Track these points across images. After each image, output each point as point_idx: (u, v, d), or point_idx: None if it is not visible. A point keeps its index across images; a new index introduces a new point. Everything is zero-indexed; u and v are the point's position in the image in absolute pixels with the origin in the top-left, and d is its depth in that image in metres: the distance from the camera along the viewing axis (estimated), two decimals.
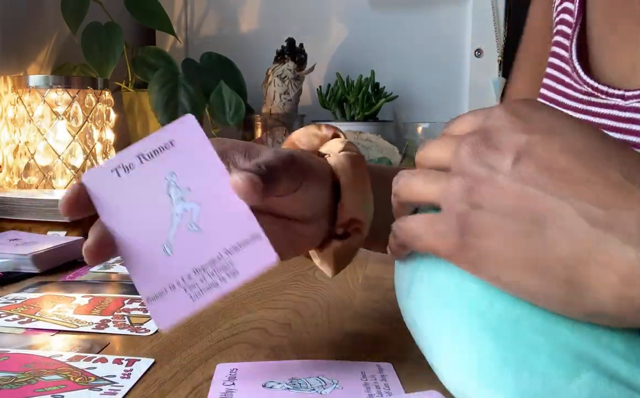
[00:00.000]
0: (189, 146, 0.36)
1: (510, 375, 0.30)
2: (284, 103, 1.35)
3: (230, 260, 0.34)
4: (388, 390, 0.38)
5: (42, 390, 0.37)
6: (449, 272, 0.34)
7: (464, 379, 0.32)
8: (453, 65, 1.50)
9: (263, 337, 0.48)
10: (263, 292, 0.61)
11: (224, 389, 0.38)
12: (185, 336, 0.48)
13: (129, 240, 0.35)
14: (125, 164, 0.36)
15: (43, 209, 0.79)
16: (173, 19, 1.50)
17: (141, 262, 0.34)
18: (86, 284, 0.63)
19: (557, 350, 0.30)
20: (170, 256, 0.34)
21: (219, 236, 0.34)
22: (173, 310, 0.34)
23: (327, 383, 0.39)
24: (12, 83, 1.00)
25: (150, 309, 0.34)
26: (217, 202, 0.35)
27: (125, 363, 0.42)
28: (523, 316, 0.31)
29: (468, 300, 0.33)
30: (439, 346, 0.34)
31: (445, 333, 0.34)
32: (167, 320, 0.34)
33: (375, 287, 0.64)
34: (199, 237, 0.34)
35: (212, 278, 0.34)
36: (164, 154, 0.36)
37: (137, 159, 0.36)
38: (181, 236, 0.35)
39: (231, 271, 0.34)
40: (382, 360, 0.43)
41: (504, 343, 0.31)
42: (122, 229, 0.35)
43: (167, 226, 0.35)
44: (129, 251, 0.35)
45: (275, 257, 0.34)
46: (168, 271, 0.34)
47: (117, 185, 0.36)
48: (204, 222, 0.35)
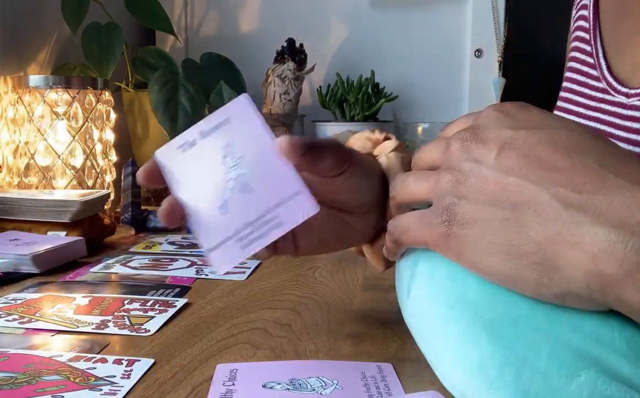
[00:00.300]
0: (242, 120, 0.42)
1: (511, 375, 0.30)
2: (284, 103, 1.35)
3: (276, 213, 0.39)
4: (388, 391, 0.38)
5: (42, 391, 0.37)
6: (449, 272, 0.35)
7: (464, 379, 0.32)
8: (453, 65, 1.50)
9: (263, 337, 0.48)
10: (263, 292, 0.61)
11: (224, 389, 0.38)
12: (185, 336, 0.48)
13: (193, 205, 0.41)
14: (189, 140, 0.42)
15: (43, 209, 0.79)
16: (173, 19, 1.50)
17: (202, 222, 0.40)
18: (86, 284, 0.63)
19: (557, 349, 0.30)
20: (226, 215, 0.40)
21: (267, 195, 0.40)
22: (227, 257, 0.39)
23: (327, 383, 0.39)
24: (12, 83, 1.00)
25: (209, 257, 0.40)
26: (265, 167, 0.40)
27: (125, 364, 0.42)
28: (523, 316, 0.31)
29: (468, 300, 0.33)
30: (439, 346, 0.34)
31: (445, 333, 0.34)
32: (222, 266, 0.40)
33: (375, 287, 0.64)
34: (250, 197, 0.40)
35: (259, 230, 0.39)
36: (220, 130, 0.42)
37: (198, 135, 0.42)
38: (235, 197, 0.40)
39: (276, 223, 0.39)
40: (382, 360, 0.44)
41: (505, 343, 0.31)
42: (188, 197, 0.41)
43: (224, 190, 0.40)
44: (193, 214, 0.41)
45: (317, 207, 0.39)
46: (224, 227, 0.40)
47: (183, 159, 0.42)
48: (254, 184, 0.40)
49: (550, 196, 0.30)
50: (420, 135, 1.35)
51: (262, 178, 0.40)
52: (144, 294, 0.59)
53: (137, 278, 0.67)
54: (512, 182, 0.31)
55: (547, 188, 0.30)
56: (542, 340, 0.30)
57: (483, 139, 0.33)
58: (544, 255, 0.30)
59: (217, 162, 0.41)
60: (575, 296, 0.30)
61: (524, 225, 0.30)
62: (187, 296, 0.59)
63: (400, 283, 0.40)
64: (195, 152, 0.42)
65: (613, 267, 0.27)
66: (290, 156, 0.39)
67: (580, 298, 0.30)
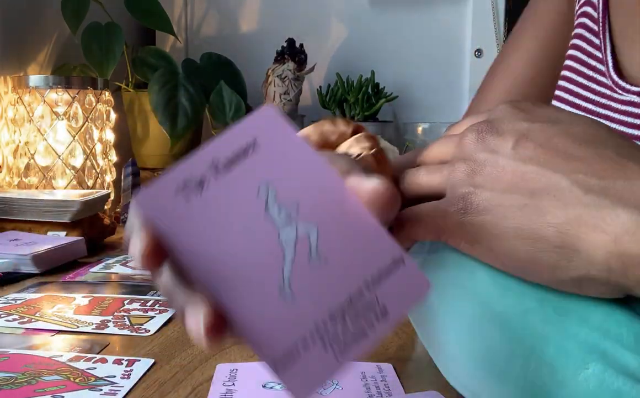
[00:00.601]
0: (279, 145, 0.26)
1: (519, 366, 0.30)
2: (284, 103, 1.35)
3: (376, 295, 0.25)
4: (388, 391, 0.38)
5: (42, 391, 0.37)
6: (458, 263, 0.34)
7: (470, 370, 0.32)
8: (453, 65, 1.50)
9: None
10: None
11: (224, 389, 0.38)
12: (185, 336, 0.48)
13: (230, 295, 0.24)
14: (195, 179, 0.25)
15: (43, 209, 0.79)
16: (173, 19, 1.50)
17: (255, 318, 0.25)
18: (86, 284, 0.63)
19: (565, 342, 0.30)
20: (292, 300, 0.25)
21: (353, 266, 0.25)
22: (313, 371, 0.24)
23: (327, 383, 0.39)
24: (12, 83, 1.00)
25: (282, 376, 0.24)
26: (338, 220, 0.26)
27: (125, 364, 0.42)
28: (532, 309, 0.31)
29: (477, 292, 0.33)
30: (445, 337, 0.34)
31: (453, 324, 0.33)
32: (308, 386, 0.24)
33: None
34: (326, 270, 0.25)
35: (356, 324, 0.25)
36: (247, 161, 0.26)
37: (210, 171, 0.25)
38: (301, 271, 0.25)
39: (380, 310, 0.25)
40: (382, 360, 0.43)
41: (512, 335, 0.31)
42: (216, 283, 0.24)
43: (278, 260, 0.25)
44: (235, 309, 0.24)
45: (429, 284, 0.26)
46: (295, 321, 0.25)
47: (189, 215, 0.25)
48: (328, 249, 0.25)
49: (570, 182, 0.30)
50: (420, 135, 1.35)
51: (337, 239, 0.26)
52: (144, 294, 0.59)
53: (137, 278, 0.67)
54: (530, 170, 0.31)
55: (566, 174, 0.30)
56: (550, 333, 0.30)
57: (499, 131, 0.33)
58: (564, 238, 0.29)
59: (253, 215, 0.25)
60: (592, 280, 0.29)
61: (543, 211, 0.30)
62: None
63: None
64: (209, 199, 0.25)
65: (636, 247, 0.27)
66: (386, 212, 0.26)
67: (597, 283, 0.29)
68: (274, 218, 0.25)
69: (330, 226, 0.26)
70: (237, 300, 0.24)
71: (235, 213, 0.25)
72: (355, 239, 0.26)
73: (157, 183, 0.25)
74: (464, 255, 0.34)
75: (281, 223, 0.25)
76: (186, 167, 0.25)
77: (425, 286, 0.26)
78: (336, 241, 0.25)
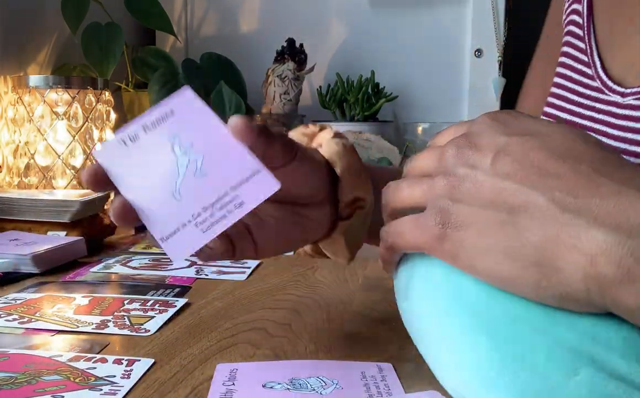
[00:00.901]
0: (188, 111, 0.39)
1: (509, 375, 0.30)
2: (284, 103, 1.35)
3: (236, 193, 0.37)
4: (388, 390, 0.38)
5: (42, 390, 0.37)
6: (445, 274, 0.35)
7: (463, 380, 0.32)
8: (453, 65, 1.50)
9: (263, 337, 0.48)
10: (263, 292, 0.61)
11: (224, 389, 0.38)
12: (185, 336, 0.48)
13: (143, 199, 0.38)
14: (131, 135, 0.40)
15: (43, 209, 0.79)
16: (173, 19, 1.50)
17: (154, 213, 0.38)
18: (86, 284, 0.64)
19: (555, 348, 0.30)
20: (180, 200, 0.37)
21: (224, 177, 0.37)
22: (185, 243, 0.37)
23: (327, 383, 0.39)
24: (12, 83, 1.00)
25: (165, 246, 0.37)
26: (218, 150, 0.38)
27: (125, 364, 0.42)
28: (521, 316, 0.31)
29: (465, 301, 0.33)
30: (437, 347, 0.34)
31: (443, 334, 0.34)
32: (180, 252, 0.37)
33: (375, 287, 0.64)
34: (205, 180, 0.38)
35: (221, 212, 0.37)
36: (165, 123, 0.39)
37: (141, 129, 0.40)
38: (188, 182, 0.37)
39: (237, 203, 0.37)
40: (382, 360, 0.44)
41: (502, 343, 0.31)
42: (136, 192, 0.39)
43: (175, 178, 0.38)
44: (144, 208, 0.38)
45: (278, 184, 0.36)
46: (179, 214, 0.37)
47: (127, 155, 0.39)
48: (209, 168, 0.38)
49: (547, 199, 0.30)
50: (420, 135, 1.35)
51: (216, 161, 0.38)
52: (144, 294, 0.59)
53: (137, 278, 0.67)
54: (508, 186, 0.31)
55: (544, 192, 0.30)
56: (539, 339, 0.30)
57: (477, 146, 0.33)
58: (542, 255, 0.30)
59: (165, 152, 0.39)
60: (573, 298, 0.30)
61: (521, 227, 0.30)
62: (187, 296, 0.59)
63: (398, 287, 0.40)
64: (140, 145, 0.39)
65: (610, 270, 0.28)
66: (245, 136, 0.37)
67: (578, 301, 0.30)
68: (177, 154, 0.38)
69: (212, 154, 0.38)
70: (147, 202, 0.38)
71: (154, 151, 0.39)
72: (228, 161, 0.37)
73: (106, 141, 0.41)
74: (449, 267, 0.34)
75: (180, 155, 0.38)
76: (127, 129, 0.40)
77: (274, 185, 0.36)
78: (214, 163, 0.38)
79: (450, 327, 0.33)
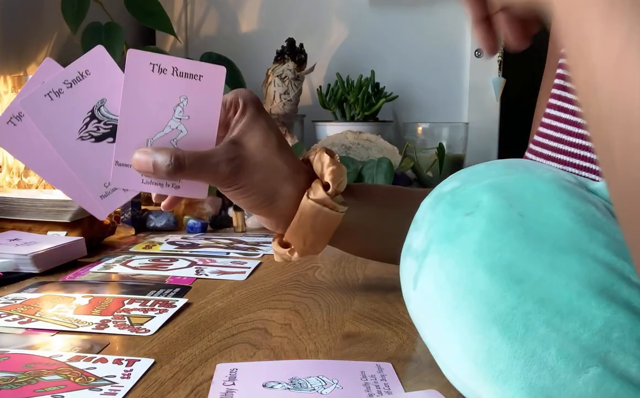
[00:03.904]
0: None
1: (519, 368, 0.30)
2: (284, 103, 1.35)
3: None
4: (388, 390, 0.38)
5: (42, 390, 0.37)
6: (458, 263, 0.34)
7: (471, 371, 0.32)
8: (453, 65, 1.50)
9: (263, 337, 0.48)
10: (263, 292, 0.61)
11: (224, 389, 0.38)
12: (185, 336, 0.48)
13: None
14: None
15: (43, 209, 0.79)
16: (173, 19, 1.50)
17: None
18: (86, 284, 0.63)
19: (567, 345, 0.30)
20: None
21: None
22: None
23: (327, 383, 0.39)
24: (12, 83, 1.00)
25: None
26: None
27: (125, 364, 0.42)
28: (534, 310, 0.31)
29: (479, 291, 0.33)
30: (445, 336, 0.34)
31: (452, 324, 0.33)
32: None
33: (375, 287, 0.64)
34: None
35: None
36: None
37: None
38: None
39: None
40: (382, 360, 0.44)
41: (514, 336, 0.31)
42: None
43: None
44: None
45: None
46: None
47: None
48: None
49: None
50: (420, 135, 1.35)
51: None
52: (144, 294, 0.59)
53: (137, 278, 0.67)
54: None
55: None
56: (551, 335, 0.30)
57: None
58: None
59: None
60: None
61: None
62: (187, 296, 0.59)
63: (406, 276, 0.40)
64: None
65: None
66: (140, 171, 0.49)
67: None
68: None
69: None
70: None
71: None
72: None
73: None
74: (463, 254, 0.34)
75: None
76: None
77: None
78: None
79: (461, 316, 0.33)
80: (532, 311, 0.31)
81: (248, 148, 0.52)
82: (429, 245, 0.37)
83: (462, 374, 0.33)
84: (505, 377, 0.31)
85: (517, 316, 0.31)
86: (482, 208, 0.34)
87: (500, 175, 0.36)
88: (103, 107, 0.49)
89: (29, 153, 0.50)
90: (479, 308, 0.32)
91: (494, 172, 0.37)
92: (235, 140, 0.52)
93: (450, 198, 0.36)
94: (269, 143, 0.52)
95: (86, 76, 0.49)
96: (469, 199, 0.35)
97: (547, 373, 0.30)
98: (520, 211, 0.33)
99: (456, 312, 0.33)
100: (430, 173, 1.25)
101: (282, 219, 0.55)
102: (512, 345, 0.31)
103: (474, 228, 0.34)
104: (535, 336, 0.31)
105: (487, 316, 0.32)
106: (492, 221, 0.33)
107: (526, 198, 0.34)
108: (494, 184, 0.35)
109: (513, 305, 0.32)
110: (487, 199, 0.34)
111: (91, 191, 0.50)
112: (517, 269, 0.32)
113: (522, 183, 0.35)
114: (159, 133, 0.49)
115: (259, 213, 0.55)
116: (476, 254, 0.33)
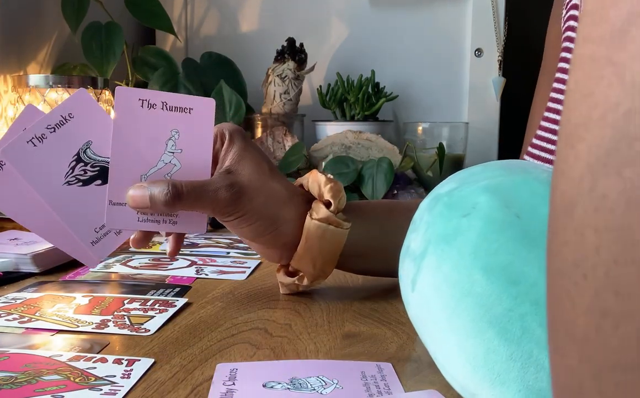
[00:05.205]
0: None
1: (516, 370, 0.30)
2: (284, 103, 1.35)
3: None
4: (388, 390, 0.38)
5: (42, 390, 0.37)
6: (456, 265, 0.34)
7: (468, 372, 0.32)
8: (453, 65, 1.50)
9: (263, 337, 0.48)
10: (263, 292, 0.61)
11: (224, 389, 0.38)
12: (185, 336, 0.48)
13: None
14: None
15: None
16: (173, 19, 1.50)
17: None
18: (86, 284, 0.63)
19: None
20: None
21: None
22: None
23: (327, 383, 0.39)
24: (12, 82, 1.00)
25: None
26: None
27: (125, 363, 0.42)
28: (531, 312, 0.31)
29: (475, 293, 0.33)
30: (443, 338, 0.34)
31: (450, 326, 0.34)
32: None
33: (375, 287, 0.64)
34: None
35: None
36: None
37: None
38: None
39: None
40: (382, 360, 0.44)
41: (511, 338, 0.31)
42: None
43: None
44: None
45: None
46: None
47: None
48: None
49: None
50: (420, 135, 1.35)
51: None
52: (144, 294, 0.59)
53: (137, 278, 0.67)
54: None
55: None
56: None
57: None
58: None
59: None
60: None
61: None
62: (187, 296, 0.59)
63: (404, 278, 0.40)
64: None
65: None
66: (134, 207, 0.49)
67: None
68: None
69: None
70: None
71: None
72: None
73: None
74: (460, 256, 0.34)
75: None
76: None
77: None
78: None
79: (458, 318, 0.33)
80: (529, 313, 0.31)
81: (244, 175, 0.52)
82: (426, 247, 0.37)
83: (461, 376, 0.33)
84: (503, 379, 0.31)
85: (514, 318, 0.31)
86: (479, 209, 0.34)
87: (497, 176, 0.36)
88: (89, 149, 0.48)
89: (12, 203, 0.48)
90: (475, 310, 0.32)
91: (491, 173, 0.37)
92: (229, 169, 0.52)
93: (447, 200, 0.36)
94: (262, 169, 0.53)
95: (70, 119, 0.47)
96: (465, 201, 0.35)
97: (544, 375, 0.30)
98: (517, 212, 0.33)
99: (453, 314, 0.33)
100: (430, 173, 1.25)
101: (286, 247, 0.55)
102: (509, 347, 0.31)
103: (471, 230, 0.34)
104: (531, 337, 0.31)
105: (483, 318, 0.32)
106: (489, 223, 0.33)
107: (523, 199, 0.34)
108: (491, 186, 0.35)
109: (509, 306, 0.32)
110: (483, 201, 0.34)
111: (81, 238, 0.49)
112: (513, 270, 0.32)
113: (518, 184, 0.35)
114: (153, 168, 0.48)
115: (263, 242, 0.55)
116: (473, 256, 0.33)
